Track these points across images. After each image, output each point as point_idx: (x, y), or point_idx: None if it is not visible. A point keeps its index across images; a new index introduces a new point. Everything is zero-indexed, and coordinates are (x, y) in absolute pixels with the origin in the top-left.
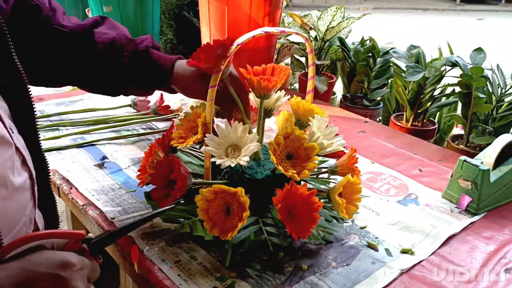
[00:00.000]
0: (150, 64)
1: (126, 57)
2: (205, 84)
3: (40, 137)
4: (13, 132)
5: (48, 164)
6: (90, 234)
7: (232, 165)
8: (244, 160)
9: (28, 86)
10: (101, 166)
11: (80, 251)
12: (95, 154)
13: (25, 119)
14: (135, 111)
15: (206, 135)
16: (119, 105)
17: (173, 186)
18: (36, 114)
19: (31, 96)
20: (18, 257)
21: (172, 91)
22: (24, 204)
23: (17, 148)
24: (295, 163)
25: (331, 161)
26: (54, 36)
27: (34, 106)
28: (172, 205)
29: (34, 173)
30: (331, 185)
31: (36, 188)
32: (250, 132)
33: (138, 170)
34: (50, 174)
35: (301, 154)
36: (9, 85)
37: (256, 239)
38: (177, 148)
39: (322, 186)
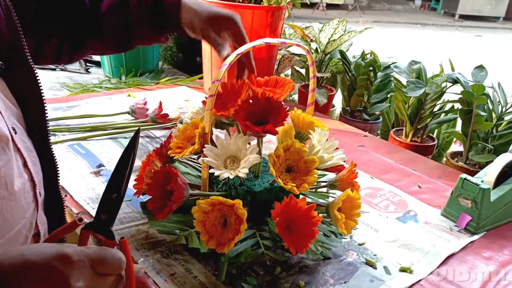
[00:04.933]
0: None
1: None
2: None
3: (50, 142)
4: (15, 133)
5: (58, 169)
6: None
7: (231, 176)
8: (243, 172)
9: (42, 93)
10: (97, 173)
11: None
12: (92, 161)
13: (36, 123)
14: (133, 118)
15: (205, 145)
16: (117, 112)
17: (169, 197)
18: (47, 117)
19: (43, 100)
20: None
21: (184, 33)
22: (24, 206)
23: (18, 150)
24: (294, 176)
25: (330, 175)
26: None
27: (46, 109)
28: None
29: (37, 176)
30: (330, 199)
31: (38, 191)
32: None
33: (135, 180)
34: (59, 179)
35: (301, 167)
36: (25, 91)
37: (253, 252)
38: (175, 158)
39: (321, 200)
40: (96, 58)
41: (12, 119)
